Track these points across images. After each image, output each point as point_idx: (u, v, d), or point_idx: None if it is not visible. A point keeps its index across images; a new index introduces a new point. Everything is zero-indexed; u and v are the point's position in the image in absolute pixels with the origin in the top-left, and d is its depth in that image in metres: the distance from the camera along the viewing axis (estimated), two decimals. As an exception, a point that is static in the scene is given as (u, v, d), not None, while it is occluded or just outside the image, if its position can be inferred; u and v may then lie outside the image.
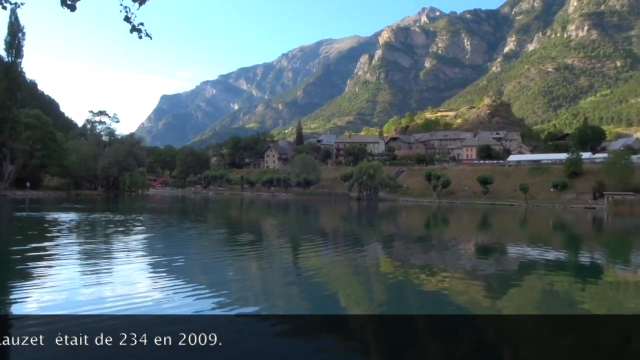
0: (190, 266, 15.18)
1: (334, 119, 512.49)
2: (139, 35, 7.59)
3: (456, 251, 22.67)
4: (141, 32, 7.58)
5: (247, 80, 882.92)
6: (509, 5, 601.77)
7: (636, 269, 17.89)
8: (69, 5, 7.26)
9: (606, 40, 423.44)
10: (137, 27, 7.51)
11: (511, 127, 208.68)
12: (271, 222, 40.13)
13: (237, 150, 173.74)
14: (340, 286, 13.39)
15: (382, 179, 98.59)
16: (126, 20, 7.38)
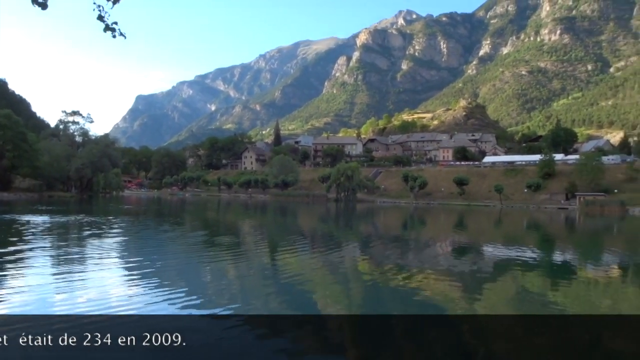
0: (163, 268, 14.97)
1: (311, 120, 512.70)
2: (112, 34, 7.45)
3: (433, 252, 22.87)
4: (115, 31, 7.44)
5: (225, 80, 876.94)
6: (484, 9, 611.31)
7: (607, 268, 18.31)
8: (40, 3, 7.08)
9: (577, 44, 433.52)
10: (111, 26, 7.37)
11: (486, 129, 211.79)
12: (249, 223, 39.88)
13: (214, 152, 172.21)
14: (317, 287, 13.35)
15: (359, 180, 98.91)
16: (99, 19, 7.24)
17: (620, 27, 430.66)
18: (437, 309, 11.39)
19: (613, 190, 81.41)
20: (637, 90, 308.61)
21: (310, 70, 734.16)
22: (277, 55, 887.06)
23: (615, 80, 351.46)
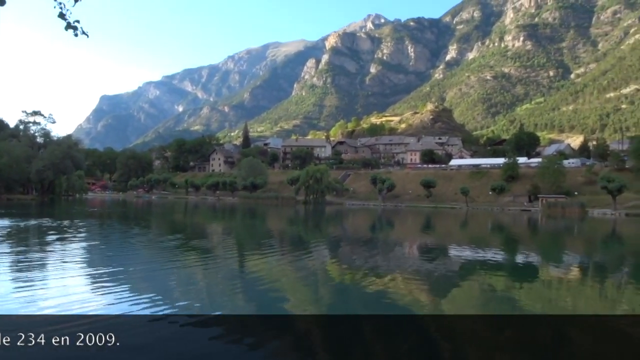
0: (118, 270, 14.60)
1: (281, 122, 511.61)
2: (74, 33, 7.21)
3: (401, 253, 23.09)
4: (77, 29, 7.21)
5: (192, 81, 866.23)
6: (450, 15, 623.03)
7: (568, 269, 18.85)
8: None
9: (540, 50, 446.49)
10: (73, 24, 7.14)
11: (453, 132, 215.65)
12: (216, 226, 39.42)
13: (181, 153, 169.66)
14: (284, 288, 13.26)
15: (328, 183, 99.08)
16: (61, 17, 6.99)
17: (580, 34, 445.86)
18: (405, 309, 11.48)
19: (573, 193, 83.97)
20: (596, 96, 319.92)
21: (279, 72, 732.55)
22: (246, 57, 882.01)
23: (575, 86, 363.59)
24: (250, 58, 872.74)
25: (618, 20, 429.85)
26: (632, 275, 17.55)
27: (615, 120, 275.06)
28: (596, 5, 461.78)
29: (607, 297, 13.14)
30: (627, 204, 72.04)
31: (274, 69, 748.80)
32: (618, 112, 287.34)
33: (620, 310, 11.49)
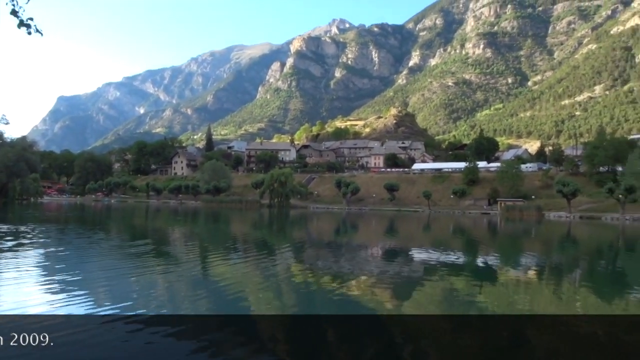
0: (72, 273, 14.14)
1: (245, 125, 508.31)
2: (27, 30, 6.93)
3: (364, 256, 23.18)
4: (30, 27, 6.93)
5: (154, 83, 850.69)
6: (413, 22, 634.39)
7: (525, 270, 19.34)
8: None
9: (499, 58, 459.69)
10: (26, 22, 6.86)
11: (416, 136, 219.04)
12: (178, 230, 38.67)
13: (142, 156, 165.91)
14: (246, 289, 13.07)
15: (293, 186, 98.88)
16: (13, 14, 6.72)
17: (537, 43, 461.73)
18: (368, 310, 11.51)
19: (531, 196, 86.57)
20: (551, 103, 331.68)
21: (243, 75, 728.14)
22: (209, 59, 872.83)
23: (532, 93, 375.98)
24: (214, 60, 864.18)
25: (572, 30, 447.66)
26: (586, 276, 18.16)
27: (570, 126, 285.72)
28: (552, 16, 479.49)
29: (563, 297, 13.53)
30: (581, 207, 74.80)
31: (238, 72, 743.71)
32: (572, 118, 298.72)
33: (576, 311, 11.84)
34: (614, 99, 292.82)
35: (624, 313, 11.72)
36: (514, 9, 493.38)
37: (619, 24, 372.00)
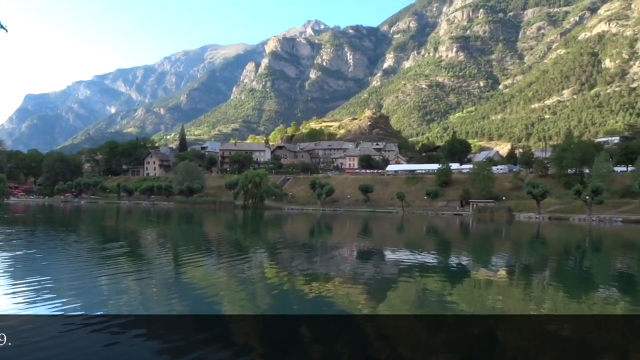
0: (39, 274, 13.85)
1: (219, 125, 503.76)
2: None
3: (339, 257, 23.24)
4: (-5, 23, 6.71)
5: (126, 82, 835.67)
6: (387, 24, 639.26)
7: (496, 270, 19.70)
8: None
9: (471, 62, 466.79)
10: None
11: (390, 138, 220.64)
12: (150, 231, 38.08)
13: (113, 156, 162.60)
14: (220, 290, 12.97)
15: (267, 187, 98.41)
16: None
17: (508, 48, 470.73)
18: (341, 310, 11.55)
19: (501, 198, 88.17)
20: (522, 106, 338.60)
21: (218, 75, 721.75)
22: (183, 59, 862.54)
23: (503, 96, 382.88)
24: (188, 60, 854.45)
25: (542, 35, 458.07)
26: (554, 276, 18.60)
27: (540, 129, 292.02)
28: (522, 21, 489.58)
29: (532, 297, 13.81)
30: (550, 208, 76.56)
31: (212, 72, 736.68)
32: (542, 121, 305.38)
33: (544, 310, 12.11)
34: (581, 103, 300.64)
35: (590, 312, 12.05)
36: (486, 14, 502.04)
37: (586, 30, 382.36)
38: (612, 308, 12.55)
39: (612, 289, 15.68)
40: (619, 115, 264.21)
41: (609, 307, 12.67)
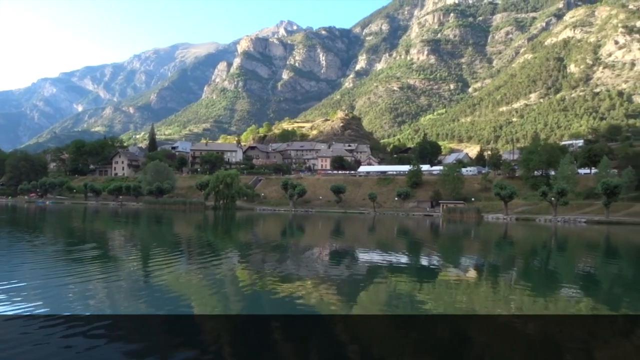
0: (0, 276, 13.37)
1: (190, 125, 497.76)
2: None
3: (310, 258, 23.20)
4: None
5: (94, 80, 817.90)
6: (360, 26, 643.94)
7: (465, 270, 20.00)
8: None
9: (442, 65, 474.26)
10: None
11: (362, 139, 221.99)
12: (118, 232, 37.29)
13: (80, 156, 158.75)
14: (190, 292, 12.78)
15: (239, 188, 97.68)
16: None
17: (478, 52, 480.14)
18: (312, 310, 11.52)
19: (471, 199, 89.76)
20: (490, 109, 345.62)
21: (189, 74, 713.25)
22: (153, 57, 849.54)
23: (473, 99, 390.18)
24: (158, 58, 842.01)
25: (510, 40, 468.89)
26: (521, 276, 18.98)
27: (507, 132, 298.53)
28: (491, 26, 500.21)
29: (500, 297, 14.06)
30: (517, 209, 78.28)
31: (183, 71, 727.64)
32: (510, 124, 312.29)
33: (512, 310, 12.33)
34: (547, 106, 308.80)
35: (555, 312, 12.34)
36: (456, 18, 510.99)
37: (553, 35, 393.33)
38: (575, 307, 12.88)
39: (575, 288, 16.10)
40: (583, 119, 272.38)
41: (572, 306, 13.00)
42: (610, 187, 64.38)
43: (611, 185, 64.53)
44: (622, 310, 12.36)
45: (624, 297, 14.35)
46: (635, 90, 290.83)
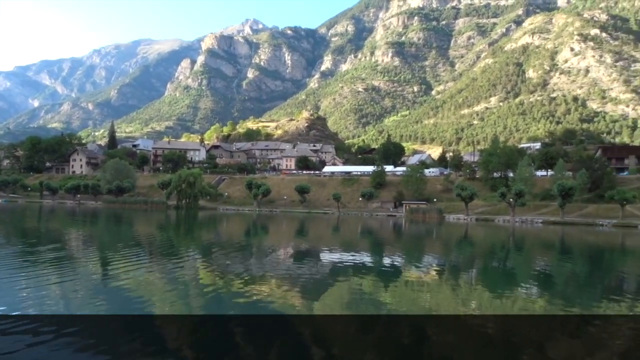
0: None
1: (152, 123, 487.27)
2: None
3: (274, 258, 23.08)
4: None
5: (51, 74, 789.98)
6: (325, 27, 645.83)
7: (427, 270, 20.30)
8: None
9: (406, 67, 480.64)
10: None
11: (326, 140, 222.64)
12: (75, 232, 36.13)
13: (36, 153, 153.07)
14: (149, 291, 12.48)
15: (202, 187, 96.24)
16: None
17: (441, 55, 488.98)
18: (275, 310, 11.45)
19: (433, 199, 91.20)
20: (452, 112, 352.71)
21: (151, 70, 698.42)
22: (114, 52, 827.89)
23: (435, 102, 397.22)
24: (119, 54, 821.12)
25: (472, 45, 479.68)
26: (480, 275, 19.43)
27: (469, 134, 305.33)
28: (454, 30, 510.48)
29: (460, 296, 14.33)
30: (477, 209, 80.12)
31: (145, 67, 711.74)
32: (471, 127, 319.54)
33: (471, 309, 12.59)
34: (506, 110, 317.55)
35: (513, 310, 12.67)
36: (420, 21, 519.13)
37: (512, 41, 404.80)
38: (532, 306, 13.26)
39: (532, 287, 16.58)
40: (540, 122, 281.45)
41: (529, 305, 13.37)
42: (565, 189, 66.67)
43: (566, 187, 66.83)
44: (574, 310, 12.79)
45: (577, 297, 14.87)
46: (589, 95, 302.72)
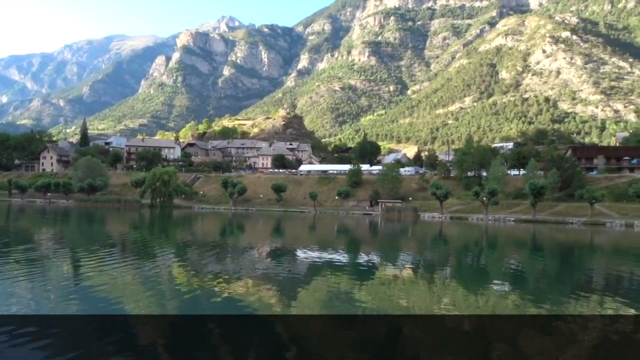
0: None
1: (125, 120, 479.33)
2: None
3: (250, 257, 22.95)
4: None
5: (20, 70, 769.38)
6: (302, 25, 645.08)
7: (403, 268, 20.46)
8: None
9: (382, 67, 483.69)
10: None
11: (303, 138, 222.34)
12: (45, 232, 35.28)
13: (4, 150, 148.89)
14: (122, 291, 12.26)
15: (177, 186, 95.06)
16: None
17: (416, 55, 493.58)
18: (251, 309, 11.39)
19: (408, 198, 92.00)
20: (428, 111, 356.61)
21: (124, 67, 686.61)
22: (86, 48, 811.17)
23: (411, 101, 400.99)
24: (92, 49, 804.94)
25: (447, 45, 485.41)
26: (455, 273, 19.68)
27: (443, 133, 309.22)
28: (429, 30, 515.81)
29: (435, 295, 14.47)
30: (452, 208, 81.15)
31: (118, 63, 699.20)
32: (445, 126, 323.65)
33: (446, 307, 12.73)
34: (480, 110, 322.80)
35: (486, 308, 12.86)
36: (397, 21, 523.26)
37: (486, 42, 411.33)
38: (505, 303, 13.49)
39: (505, 285, 16.85)
40: (513, 122, 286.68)
41: (502, 303, 13.60)
42: (536, 187, 68.05)
43: (538, 186, 68.23)
44: (546, 306, 13.03)
45: (548, 294, 15.16)
46: (560, 97, 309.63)
